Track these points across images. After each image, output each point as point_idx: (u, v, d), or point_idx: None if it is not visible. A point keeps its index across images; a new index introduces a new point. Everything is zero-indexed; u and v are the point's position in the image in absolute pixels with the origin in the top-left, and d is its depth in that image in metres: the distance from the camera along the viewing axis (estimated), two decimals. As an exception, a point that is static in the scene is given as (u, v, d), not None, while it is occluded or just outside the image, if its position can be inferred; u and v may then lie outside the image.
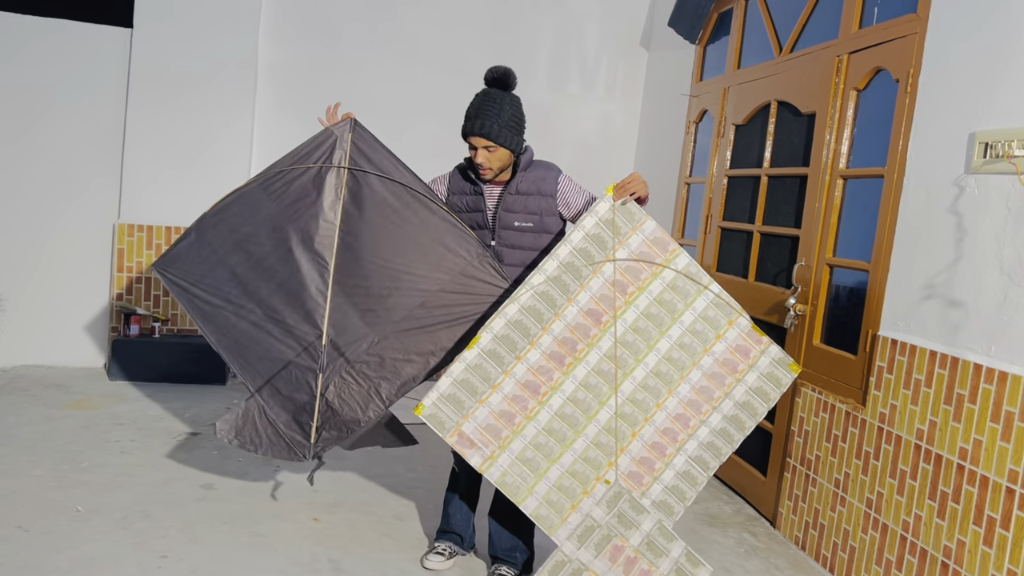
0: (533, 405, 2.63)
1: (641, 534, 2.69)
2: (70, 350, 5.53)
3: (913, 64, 3.13)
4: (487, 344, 2.63)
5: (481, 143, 2.84)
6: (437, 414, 2.58)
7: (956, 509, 2.74)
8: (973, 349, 2.74)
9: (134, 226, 5.43)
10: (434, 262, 2.79)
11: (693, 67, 5.21)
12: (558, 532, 2.64)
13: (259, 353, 2.80)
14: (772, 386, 2.80)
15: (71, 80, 5.34)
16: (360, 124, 2.87)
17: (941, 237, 2.91)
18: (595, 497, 2.67)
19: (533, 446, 2.62)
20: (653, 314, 2.73)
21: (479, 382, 2.61)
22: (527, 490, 2.62)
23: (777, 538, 3.72)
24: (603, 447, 2.68)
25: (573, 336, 2.68)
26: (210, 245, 2.80)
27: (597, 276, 2.70)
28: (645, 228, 2.75)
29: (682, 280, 2.76)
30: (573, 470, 2.65)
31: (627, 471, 2.69)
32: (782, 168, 4.07)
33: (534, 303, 2.65)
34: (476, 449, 2.60)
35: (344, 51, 5.74)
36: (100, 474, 3.70)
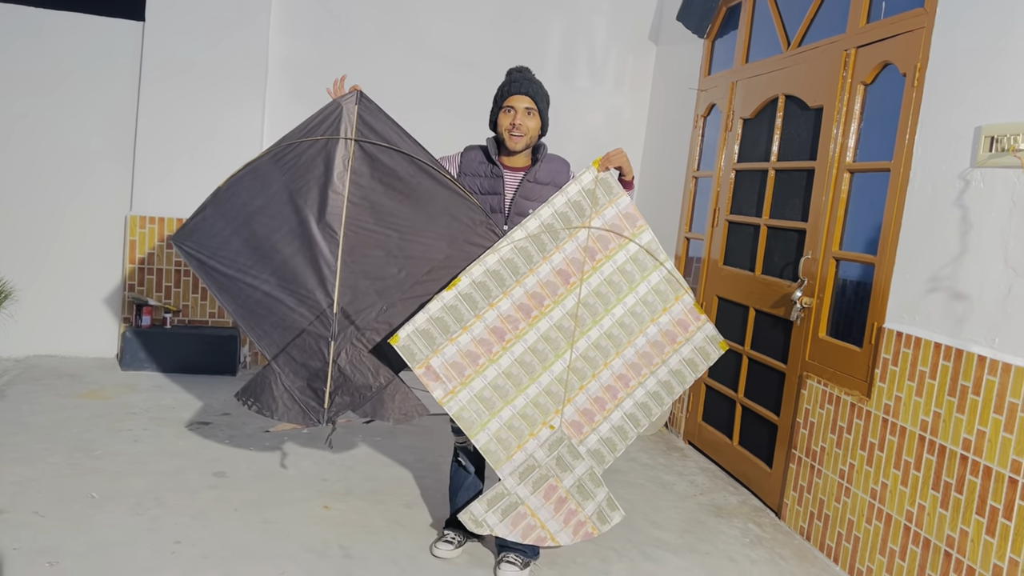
0: (497, 349, 2.82)
1: (574, 477, 2.94)
2: (83, 340, 5.59)
3: (920, 58, 3.15)
4: (464, 288, 2.78)
5: (523, 103, 2.93)
6: (410, 346, 2.72)
7: (959, 499, 2.77)
8: (977, 341, 2.76)
9: (146, 218, 5.49)
10: (440, 231, 2.88)
11: (701, 61, 5.23)
12: (503, 467, 2.85)
13: (274, 322, 2.89)
14: (702, 359, 3.09)
15: (84, 73, 5.39)
16: (366, 96, 2.92)
17: (947, 230, 2.94)
18: (539, 439, 2.88)
19: (491, 387, 2.82)
20: (614, 282, 2.95)
21: (452, 322, 2.76)
22: (480, 426, 2.82)
23: (782, 528, 3.75)
24: (553, 395, 2.89)
25: (542, 292, 2.87)
26: (224, 218, 2.85)
27: (572, 240, 2.89)
28: (620, 203, 2.95)
29: (643, 254, 2.98)
30: (524, 413, 2.86)
31: (570, 419, 2.92)
32: (789, 162, 4.09)
33: (512, 256, 2.82)
34: (440, 382, 2.76)
35: (353, 43, 5.77)
36: (114, 462, 3.76)
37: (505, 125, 2.95)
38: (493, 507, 2.87)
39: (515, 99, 2.94)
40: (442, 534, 3.25)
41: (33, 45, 5.28)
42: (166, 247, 5.54)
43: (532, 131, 2.96)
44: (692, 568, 3.27)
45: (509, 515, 2.89)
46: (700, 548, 3.45)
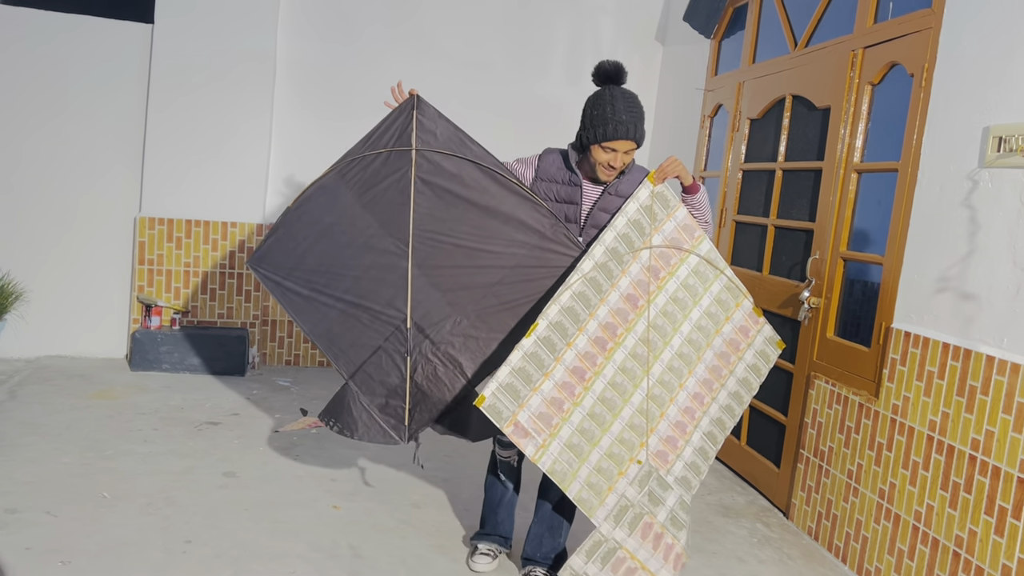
0: (579, 391, 2.65)
1: (666, 510, 2.79)
2: (92, 341, 5.62)
3: (928, 59, 3.15)
4: (543, 332, 2.60)
5: (626, 147, 2.71)
6: (496, 404, 2.53)
7: (968, 499, 2.77)
8: (986, 341, 2.76)
9: (155, 219, 5.52)
10: (510, 237, 2.77)
11: (708, 61, 5.23)
12: (597, 513, 2.67)
13: (350, 340, 2.84)
14: (763, 362, 2.99)
15: (93, 75, 5.42)
16: (424, 100, 2.84)
17: (954, 230, 2.94)
18: (629, 477, 2.73)
19: (579, 431, 2.64)
20: (679, 298, 2.82)
21: (534, 370, 2.58)
22: (572, 475, 2.63)
23: (790, 528, 3.76)
24: (636, 428, 2.74)
25: (614, 321, 2.70)
26: (295, 238, 2.83)
27: (636, 261, 2.74)
28: (677, 215, 2.82)
29: (703, 265, 2.86)
30: (611, 452, 2.70)
31: (655, 450, 2.78)
32: (797, 162, 4.09)
33: (583, 289, 2.66)
34: (530, 438, 2.58)
35: (362, 46, 5.79)
36: (124, 462, 3.79)
37: (601, 161, 2.74)
38: (592, 557, 2.69)
39: (619, 144, 2.70)
40: (475, 547, 3.14)
41: (43, 48, 5.31)
42: (175, 248, 5.57)
43: (628, 162, 2.79)
44: (700, 568, 3.28)
45: (609, 561, 2.71)
46: (708, 548, 3.46)
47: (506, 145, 6.01)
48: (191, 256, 5.60)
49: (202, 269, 5.63)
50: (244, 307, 5.74)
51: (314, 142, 5.78)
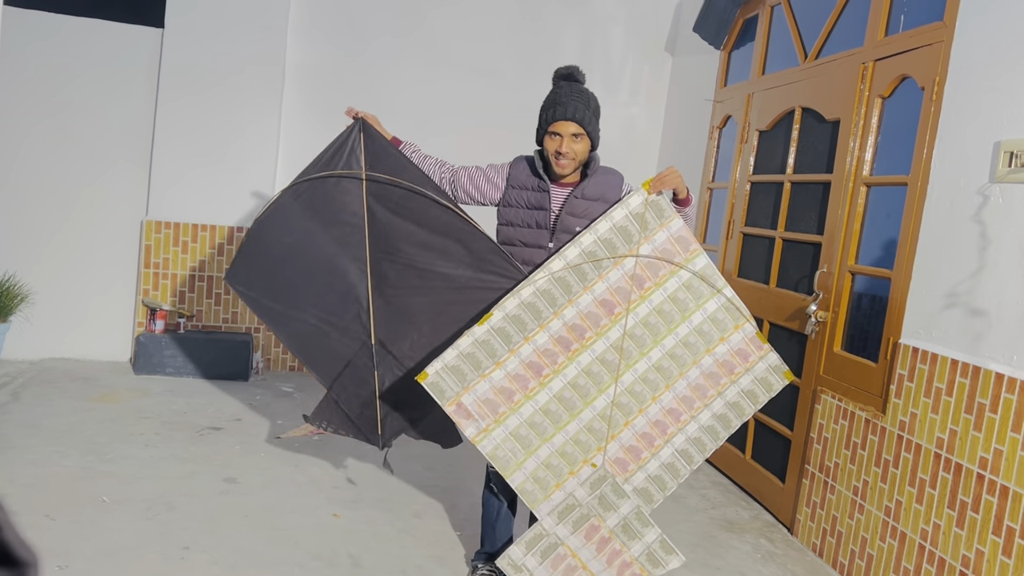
0: (534, 385, 2.68)
1: (618, 516, 2.77)
2: (97, 344, 5.62)
3: (939, 72, 3.13)
4: (497, 322, 2.66)
5: (570, 129, 2.73)
6: (439, 383, 2.62)
7: (975, 519, 2.73)
8: (995, 359, 2.73)
9: (161, 223, 5.52)
10: (456, 259, 2.84)
11: (718, 72, 5.21)
12: (540, 507, 2.72)
13: (324, 351, 2.94)
14: (763, 390, 2.85)
15: (102, 78, 5.43)
16: (369, 126, 2.91)
17: (964, 246, 2.91)
18: (580, 478, 2.74)
19: (528, 424, 2.68)
20: (665, 311, 2.76)
21: (484, 357, 2.64)
22: (516, 465, 2.69)
23: (794, 544, 3.71)
24: (595, 432, 2.74)
25: (583, 324, 2.71)
26: (263, 256, 2.93)
27: (617, 268, 2.72)
28: (672, 226, 2.75)
29: (697, 281, 2.78)
30: (563, 451, 2.71)
31: (614, 457, 2.76)
32: (805, 175, 4.06)
33: (549, 287, 2.68)
34: (472, 420, 2.65)
35: (371, 54, 5.80)
36: (125, 466, 3.77)
37: (551, 150, 2.78)
38: (532, 549, 2.74)
39: (561, 125, 2.74)
40: (475, 567, 3.09)
41: (53, 50, 5.33)
42: (181, 252, 5.57)
43: (580, 154, 2.79)
44: (703, 583, 3.24)
45: (549, 557, 2.75)
46: (711, 563, 3.42)
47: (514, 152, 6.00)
48: (197, 260, 5.60)
49: (207, 273, 5.63)
50: (248, 312, 5.73)
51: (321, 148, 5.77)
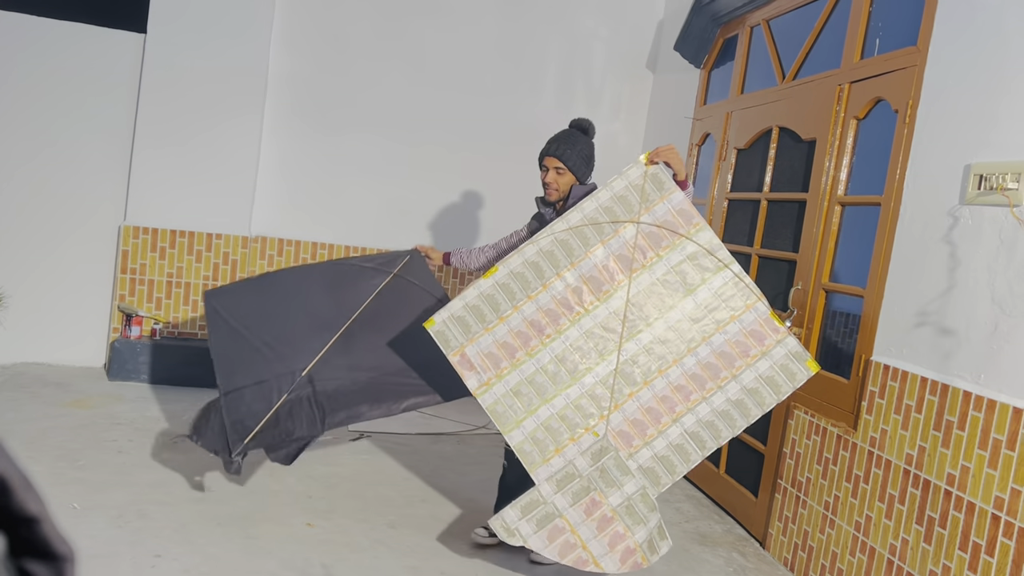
0: (535, 344, 2.73)
1: (622, 495, 2.70)
2: (71, 349, 5.57)
3: (912, 96, 3.20)
4: (502, 278, 2.75)
5: (553, 164, 3.23)
6: (444, 332, 2.73)
7: (943, 534, 2.78)
8: (963, 377, 2.78)
9: (139, 228, 5.49)
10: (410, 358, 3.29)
11: (697, 91, 5.28)
12: (538, 471, 2.68)
13: (244, 367, 3.24)
14: (785, 379, 2.77)
15: (84, 82, 5.41)
16: (418, 254, 3.56)
17: (935, 266, 2.96)
18: (580, 446, 2.70)
19: (528, 382, 2.71)
20: (669, 282, 2.77)
21: (488, 311, 2.73)
22: (515, 422, 2.69)
23: (766, 559, 3.75)
24: (597, 399, 2.71)
25: (585, 287, 2.76)
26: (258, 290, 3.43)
27: (618, 235, 2.78)
28: (673, 198, 2.83)
29: (703, 255, 2.79)
30: (563, 414, 2.70)
31: (618, 429, 2.72)
32: (782, 193, 4.12)
33: (552, 248, 2.78)
34: (474, 372, 2.71)
35: (354, 63, 5.82)
36: (97, 472, 3.74)
37: (542, 181, 3.30)
38: (527, 515, 2.66)
39: (547, 160, 3.27)
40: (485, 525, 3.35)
41: (34, 53, 5.30)
42: (159, 258, 5.54)
43: (564, 186, 3.24)
44: (675, 596, 3.26)
45: (545, 527, 2.66)
46: (684, 576, 3.44)
47: (494, 166, 6.06)
48: (174, 266, 5.57)
49: (185, 280, 5.60)
50: (226, 320, 5.69)
51: (303, 156, 5.79)
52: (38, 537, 0.56)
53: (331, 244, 5.91)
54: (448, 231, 6.12)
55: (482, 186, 6.10)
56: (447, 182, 6.07)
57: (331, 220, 5.90)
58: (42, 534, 0.56)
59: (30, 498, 0.56)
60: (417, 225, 6.05)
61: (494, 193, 6.11)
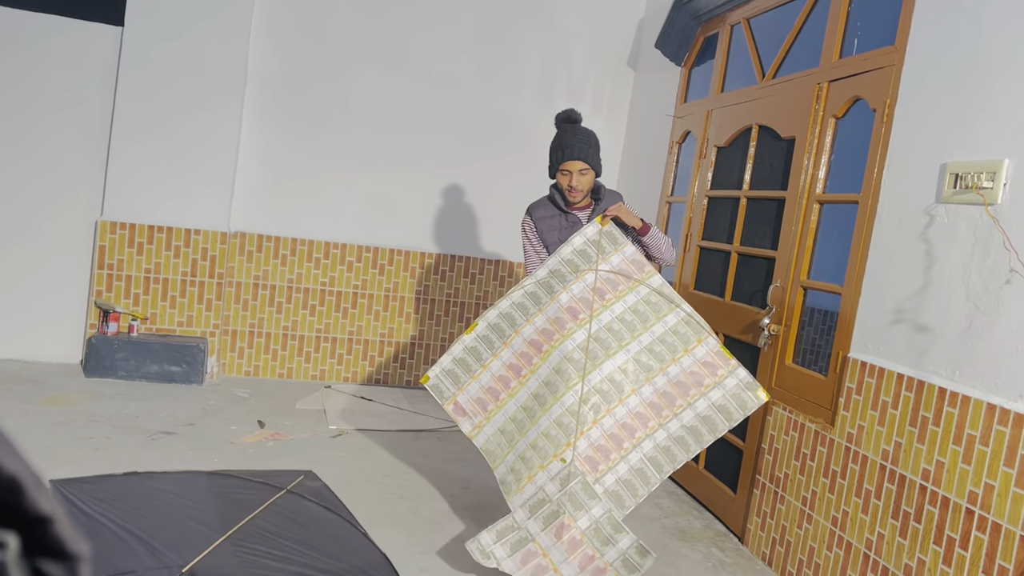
0: (514, 384, 2.99)
1: (590, 519, 2.84)
2: (47, 345, 5.50)
3: (890, 95, 3.23)
4: (482, 331, 3.08)
5: (577, 166, 3.31)
6: (438, 385, 3.07)
7: (918, 528, 2.81)
8: (938, 373, 2.82)
9: (116, 223, 5.43)
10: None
11: (678, 89, 5.30)
12: (514, 499, 2.84)
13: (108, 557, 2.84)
14: (736, 407, 2.96)
15: (60, 76, 5.34)
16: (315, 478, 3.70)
17: (911, 263, 3.00)
18: (550, 472, 2.85)
19: (511, 420, 2.95)
20: (627, 320, 3.02)
21: (473, 361, 3.05)
22: (501, 458, 2.92)
23: (744, 554, 3.78)
24: (564, 427, 2.88)
25: (551, 328, 3.01)
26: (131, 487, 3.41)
27: (580, 281, 3.06)
28: (625, 251, 3.13)
29: (656, 297, 3.06)
30: (535, 444, 2.88)
31: (584, 455, 2.87)
32: (761, 191, 4.15)
33: (522, 300, 3.09)
34: (467, 417, 3.00)
35: (334, 57, 5.78)
36: (74, 470, 3.69)
37: (564, 185, 3.36)
38: (502, 539, 2.83)
39: (569, 164, 3.32)
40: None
41: (9, 46, 5.23)
42: (136, 253, 5.48)
43: (587, 185, 3.38)
44: (654, 591, 3.27)
45: (519, 551, 2.82)
46: (663, 572, 3.46)
47: (476, 161, 6.05)
48: (152, 262, 5.52)
49: (163, 276, 5.55)
50: (205, 316, 5.66)
51: (283, 151, 5.75)
52: (52, 537, 0.56)
53: (311, 239, 5.88)
54: (430, 225, 6.11)
55: (464, 180, 6.10)
56: (429, 176, 6.05)
57: (312, 215, 5.87)
58: (56, 534, 0.56)
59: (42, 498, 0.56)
60: (399, 219, 6.04)
61: (476, 186, 6.11)
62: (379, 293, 6.05)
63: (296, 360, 5.96)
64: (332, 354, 6.02)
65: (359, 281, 6.01)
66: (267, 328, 5.87)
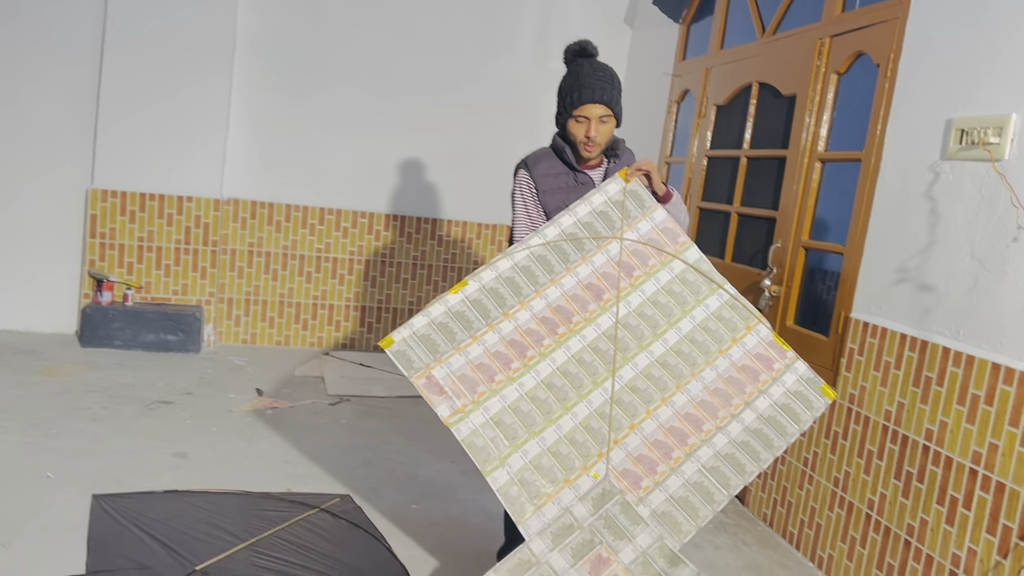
0: (518, 366, 2.38)
1: (635, 550, 2.23)
2: (41, 316, 5.46)
3: (894, 49, 3.15)
4: (473, 293, 2.42)
5: (597, 112, 2.61)
6: (406, 351, 2.33)
7: (920, 489, 2.80)
8: (942, 333, 2.78)
9: (107, 191, 5.35)
10: None
11: (676, 46, 5.20)
12: (529, 523, 2.21)
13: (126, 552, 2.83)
14: (803, 407, 2.48)
15: (45, 43, 5.22)
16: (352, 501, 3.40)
17: (915, 222, 2.95)
18: (579, 490, 2.26)
19: (512, 410, 2.32)
20: (661, 303, 2.52)
21: (459, 329, 2.38)
22: (499, 459, 2.26)
23: (746, 515, 3.78)
24: (594, 433, 2.34)
25: (569, 306, 2.47)
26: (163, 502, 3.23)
27: (601, 252, 2.53)
28: (655, 216, 2.60)
29: (693, 274, 2.58)
30: (556, 450, 2.30)
31: (621, 468, 2.31)
32: (761, 150, 4.08)
33: (529, 264, 2.49)
34: (445, 397, 2.30)
35: (324, 21, 5.66)
36: (70, 441, 3.68)
37: (579, 137, 2.65)
38: None
39: (588, 109, 2.61)
40: None
41: (-9, 10, 5.11)
42: (128, 222, 5.41)
43: (607, 136, 2.68)
44: (656, 554, 3.27)
45: None
46: (664, 534, 3.46)
47: (472, 123, 5.96)
48: (145, 230, 5.45)
49: (156, 244, 5.49)
50: (200, 284, 5.61)
51: (275, 117, 5.66)
52: None
53: (306, 206, 5.80)
54: (425, 189, 6.03)
55: (459, 143, 6.00)
56: (424, 140, 5.96)
57: (306, 181, 5.79)
58: None
59: None
60: (394, 184, 5.96)
61: (472, 150, 6.01)
62: (375, 259, 6.00)
63: (293, 327, 5.92)
64: (330, 321, 5.98)
65: (355, 247, 5.95)
66: (263, 296, 5.83)
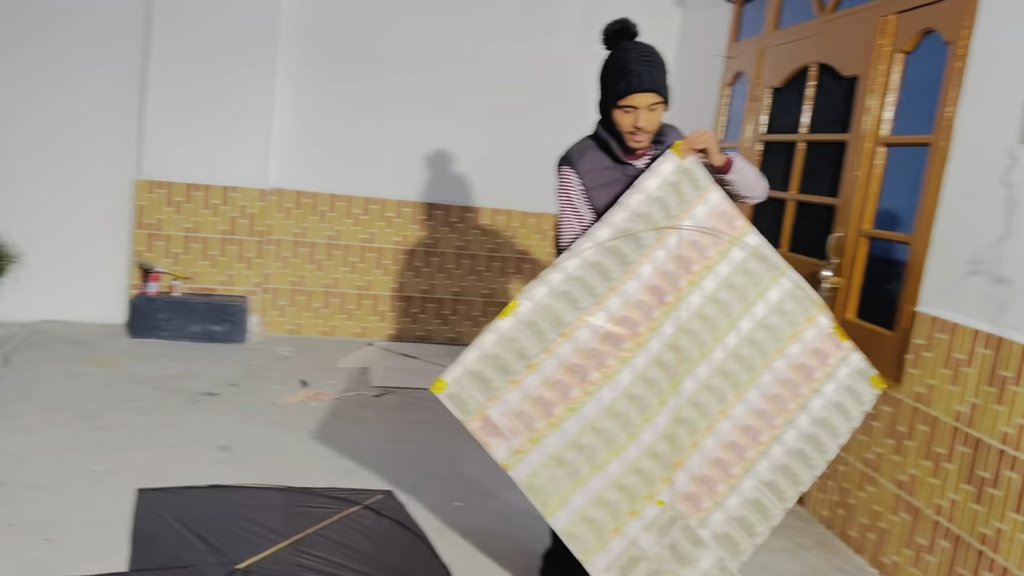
0: (578, 395, 2.15)
1: (698, 573, 2.18)
2: (90, 306, 5.50)
3: (966, 25, 2.95)
4: (526, 314, 2.15)
5: (647, 100, 2.34)
6: (460, 393, 2.11)
7: (994, 495, 2.63)
8: (1020, 329, 2.60)
9: (154, 182, 5.37)
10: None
11: (729, 27, 5.02)
12: (595, 560, 2.12)
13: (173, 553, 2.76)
14: (854, 402, 2.35)
15: (91, 33, 5.23)
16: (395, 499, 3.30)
17: (989, 210, 2.76)
18: (644, 520, 2.16)
19: (573, 446, 2.12)
20: (722, 300, 2.26)
21: (513, 359, 2.13)
22: (559, 499, 2.11)
23: (803, 516, 3.63)
24: (659, 458, 2.17)
25: (632, 316, 2.17)
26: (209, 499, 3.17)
27: (661, 247, 2.24)
28: (710, 198, 2.33)
29: (753, 262, 2.31)
30: (620, 483, 2.14)
31: (684, 491, 2.18)
32: (820, 134, 3.91)
33: (582, 273, 2.19)
34: (503, 439, 2.12)
35: (367, 5, 5.58)
36: (117, 433, 3.68)
37: (626, 127, 2.38)
38: None
39: (636, 98, 2.34)
40: None
41: (40, 5, 5.13)
42: (175, 212, 5.42)
43: (656, 125, 2.42)
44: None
45: None
46: (717, 535, 3.34)
47: (516, 109, 5.84)
48: (191, 221, 5.46)
49: (202, 235, 5.49)
50: (245, 274, 5.61)
51: (319, 105, 5.61)
52: None
53: (350, 195, 5.76)
54: (467, 178, 5.94)
55: (504, 129, 5.88)
56: (469, 127, 5.86)
57: (350, 170, 5.74)
58: None
59: None
60: (436, 172, 5.88)
61: (517, 136, 5.89)
62: (419, 249, 5.93)
63: (338, 318, 5.89)
64: (374, 311, 5.94)
65: (399, 237, 5.89)
66: (308, 286, 5.81)
